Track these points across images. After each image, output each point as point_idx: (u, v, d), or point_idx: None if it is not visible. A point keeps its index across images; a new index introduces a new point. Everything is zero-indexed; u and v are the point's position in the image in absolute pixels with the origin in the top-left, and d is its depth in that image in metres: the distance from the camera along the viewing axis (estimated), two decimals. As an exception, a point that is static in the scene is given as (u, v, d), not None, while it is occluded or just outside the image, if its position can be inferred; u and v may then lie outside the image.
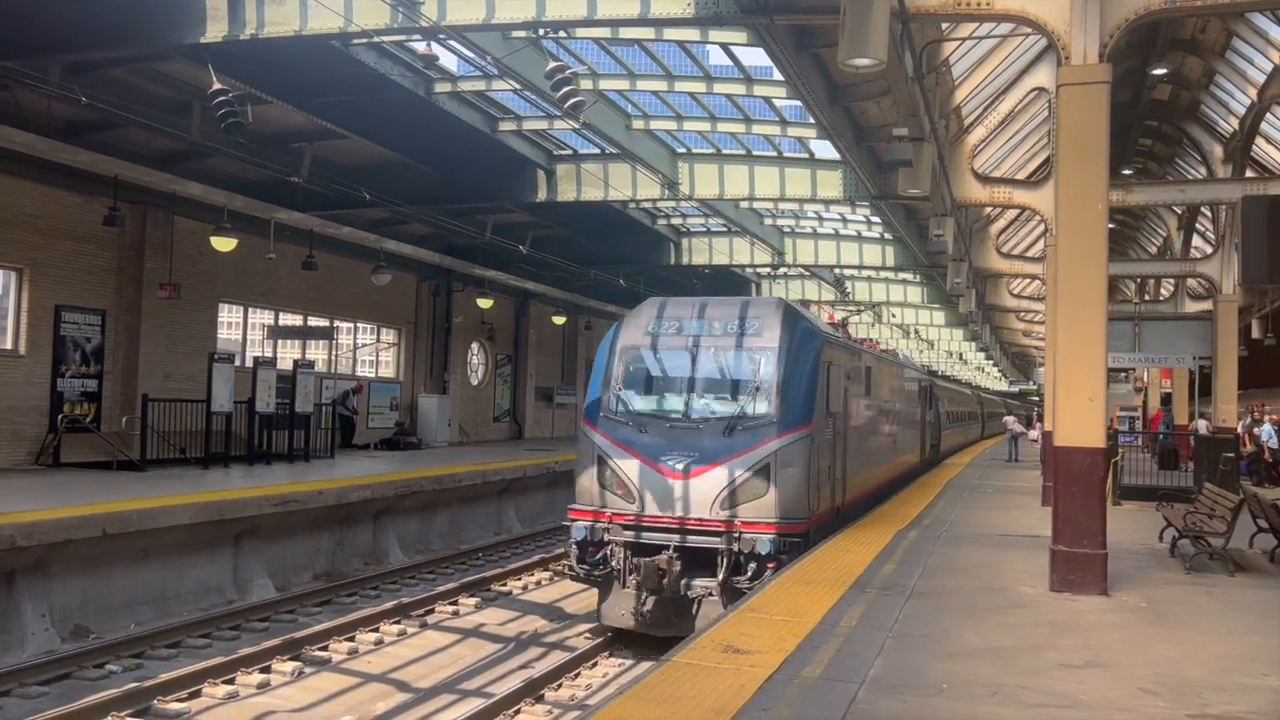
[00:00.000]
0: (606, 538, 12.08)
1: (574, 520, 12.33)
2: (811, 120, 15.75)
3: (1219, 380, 21.17)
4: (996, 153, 20.94)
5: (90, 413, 19.11)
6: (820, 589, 9.23)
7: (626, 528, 12.01)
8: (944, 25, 13.25)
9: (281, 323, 25.16)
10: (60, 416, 18.40)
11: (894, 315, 39.85)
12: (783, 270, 31.45)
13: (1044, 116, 19.68)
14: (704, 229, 27.72)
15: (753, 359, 12.43)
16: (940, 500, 18.19)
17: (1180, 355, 23.42)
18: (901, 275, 32.76)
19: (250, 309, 24.23)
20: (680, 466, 11.87)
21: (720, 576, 11.50)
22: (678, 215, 26.52)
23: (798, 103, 15.52)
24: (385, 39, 14.01)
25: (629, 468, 12.11)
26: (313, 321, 25.93)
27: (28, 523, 11.56)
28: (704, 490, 11.78)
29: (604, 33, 13.84)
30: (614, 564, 12.02)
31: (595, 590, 12.80)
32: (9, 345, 18.16)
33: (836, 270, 31.49)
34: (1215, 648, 7.67)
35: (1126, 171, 25.30)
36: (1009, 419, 39.26)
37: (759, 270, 31.57)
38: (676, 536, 11.75)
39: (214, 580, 14.56)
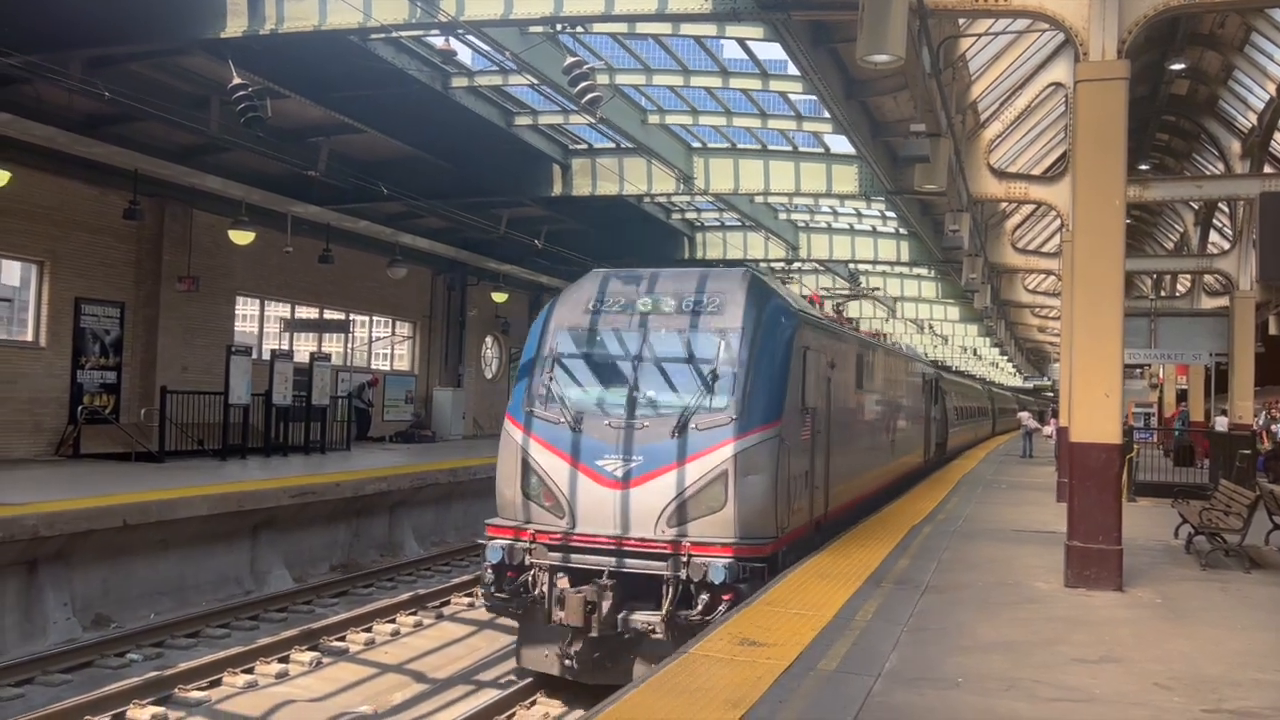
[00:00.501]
0: (529, 560, 9.97)
1: (491, 538, 10.22)
2: (827, 115, 15.75)
3: (1235, 377, 21.08)
4: (1013, 148, 20.89)
5: (109, 404, 19.28)
6: (835, 583, 9.28)
7: (552, 548, 9.91)
8: (961, 21, 13.24)
9: (298, 316, 25.31)
10: (80, 408, 18.58)
11: (896, 308, 39.73)
12: (796, 265, 31.43)
13: (1060, 111, 19.63)
14: (718, 223, 27.72)
15: (711, 342, 10.37)
16: (954, 496, 18.21)
17: (1196, 352, 23.33)
18: (916, 270, 32.71)
19: (267, 302, 24.39)
20: (619, 473, 9.86)
21: (664, 610, 9.46)
22: (692, 210, 26.54)
23: (813, 97, 15.52)
24: (403, 34, 14.06)
25: (558, 474, 10.09)
26: (329, 315, 26.06)
27: (50, 513, 11.71)
28: (647, 502, 9.75)
29: (620, 28, 13.88)
30: (536, 593, 9.92)
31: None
32: (30, 337, 18.35)
33: (851, 265, 31.45)
34: (1230, 644, 7.69)
35: (1143, 167, 25.19)
36: (1023, 414, 39.19)
37: (773, 265, 31.57)
38: (612, 560, 9.72)
39: (232, 571, 14.69)
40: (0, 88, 14.68)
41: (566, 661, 9.77)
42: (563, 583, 9.80)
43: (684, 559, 9.46)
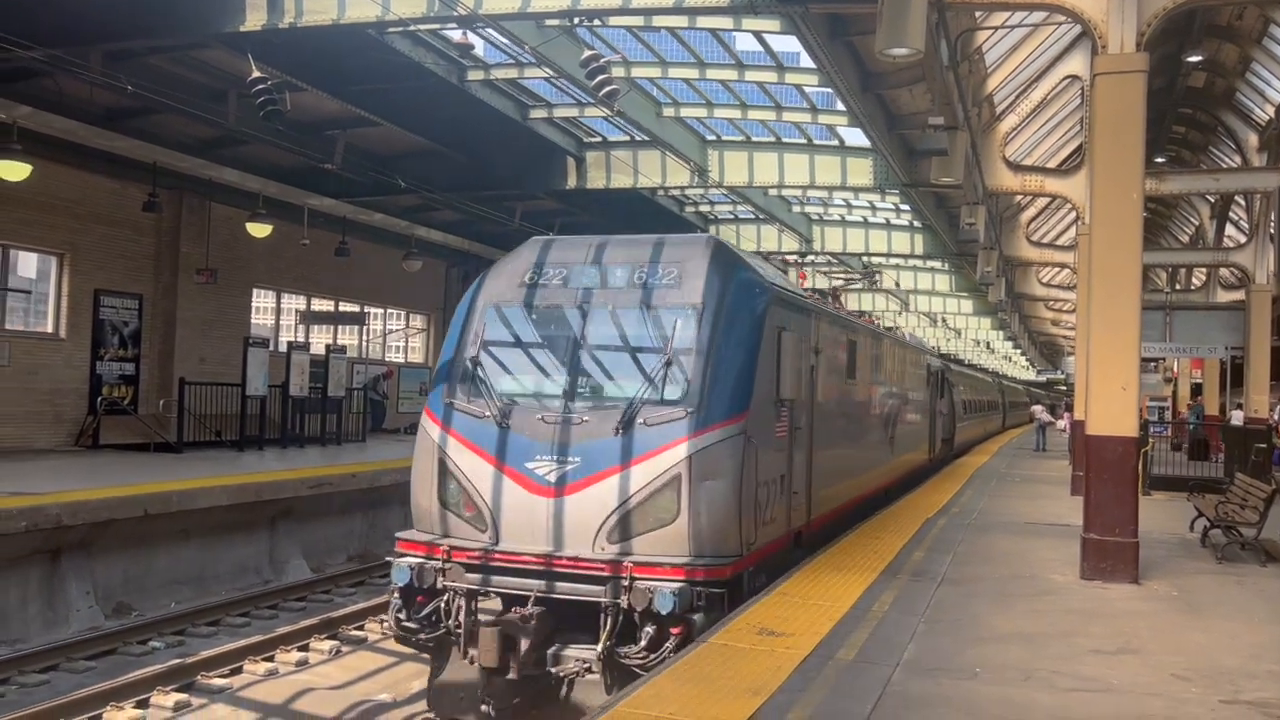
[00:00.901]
0: (442, 582, 8.39)
1: (400, 554, 8.65)
2: (842, 108, 15.76)
3: (1251, 371, 21.03)
4: (1028, 141, 20.86)
5: (128, 395, 19.46)
6: (852, 574, 9.33)
7: (470, 568, 8.35)
8: (978, 14, 13.23)
9: (314, 308, 25.45)
10: (99, 399, 18.76)
11: (909, 301, 39.64)
12: (810, 258, 31.44)
13: (1076, 104, 19.58)
14: (731, 216, 27.74)
15: (665, 321, 8.83)
16: (967, 489, 18.23)
17: (1212, 345, 23.27)
18: (930, 263, 32.68)
19: (283, 294, 24.54)
20: (552, 478, 8.31)
21: (600, 645, 7.82)
22: (705, 202, 26.57)
23: (829, 90, 15.53)
24: (420, 28, 14.13)
25: (480, 478, 8.53)
26: (344, 307, 26.21)
27: (72, 502, 11.85)
28: (584, 513, 8.22)
29: (636, 21, 13.93)
30: (451, 622, 8.34)
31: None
32: (50, 329, 18.53)
33: (864, 258, 31.46)
34: (1247, 636, 7.72)
35: (1159, 159, 25.09)
36: (1036, 408, 39.15)
37: (786, 258, 31.58)
38: (541, 583, 8.13)
39: (251, 561, 14.83)
40: (21, 81, 14.83)
41: (483, 707, 8.17)
42: (488, 608, 8.32)
43: (625, 583, 7.86)
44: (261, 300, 24.20)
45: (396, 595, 8.57)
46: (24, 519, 11.16)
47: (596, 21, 13.28)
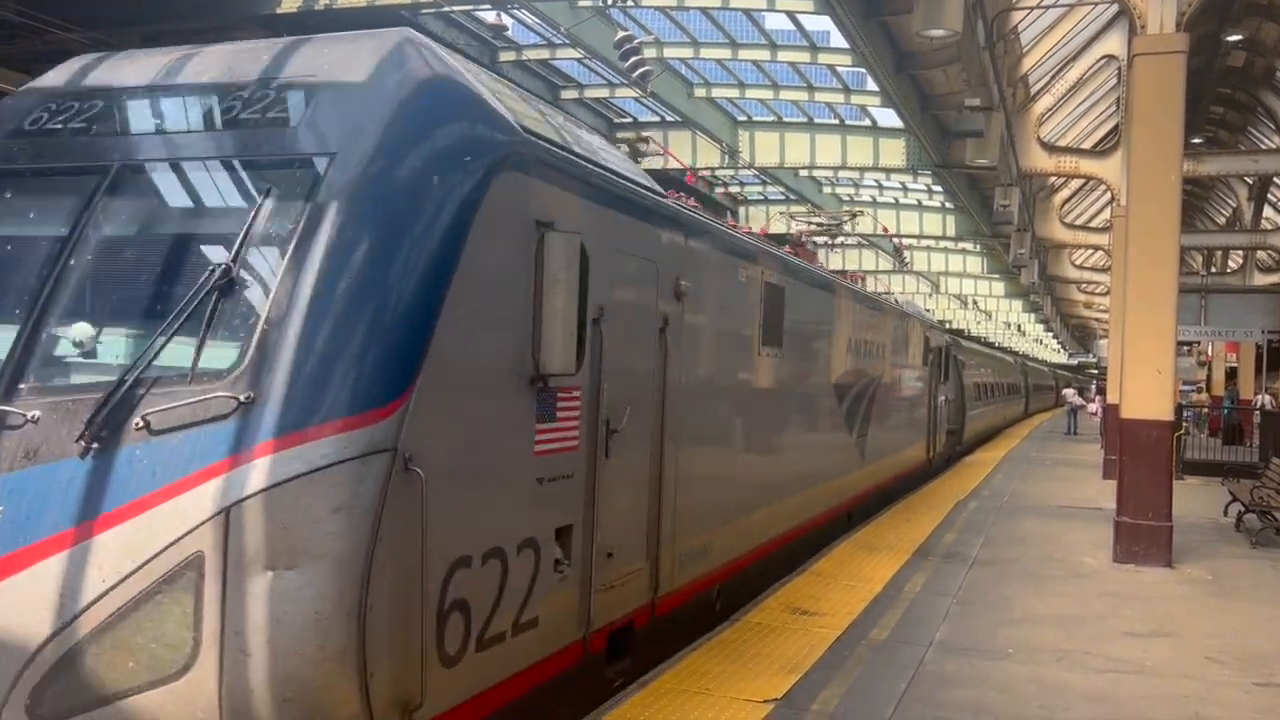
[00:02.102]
0: None
1: None
2: (875, 87, 15.69)
3: (1288, 355, 20.81)
4: (1063, 121, 20.65)
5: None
6: (883, 555, 9.38)
7: None
8: (1014, -7, 13.13)
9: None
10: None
11: (940, 282, 39.39)
12: (840, 239, 31.30)
13: (1113, 84, 19.35)
14: (761, 197, 27.67)
15: (243, 195, 4.35)
16: (998, 473, 18.20)
17: (1248, 329, 23.00)
18: (961, 245, 32.48)
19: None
20: None
21: None
22: (735, 183, 26.51)
23: (861, 70, 15.47)
24: (454, 9, 14.18)
25: None
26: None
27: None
28: None
29: (669, 1, 13.93)
30: None
31: None
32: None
33: (895, 239, 31.33)
34: (1282, 620, 7.71)
35: (1196, 140, 24.73)
36: (1068, 391, 38.90)
37: (815, 240, 31.45)
38: None
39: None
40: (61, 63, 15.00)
41: None
42: None
43: None
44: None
45: None
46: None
47: (630, 2, 13.30)
